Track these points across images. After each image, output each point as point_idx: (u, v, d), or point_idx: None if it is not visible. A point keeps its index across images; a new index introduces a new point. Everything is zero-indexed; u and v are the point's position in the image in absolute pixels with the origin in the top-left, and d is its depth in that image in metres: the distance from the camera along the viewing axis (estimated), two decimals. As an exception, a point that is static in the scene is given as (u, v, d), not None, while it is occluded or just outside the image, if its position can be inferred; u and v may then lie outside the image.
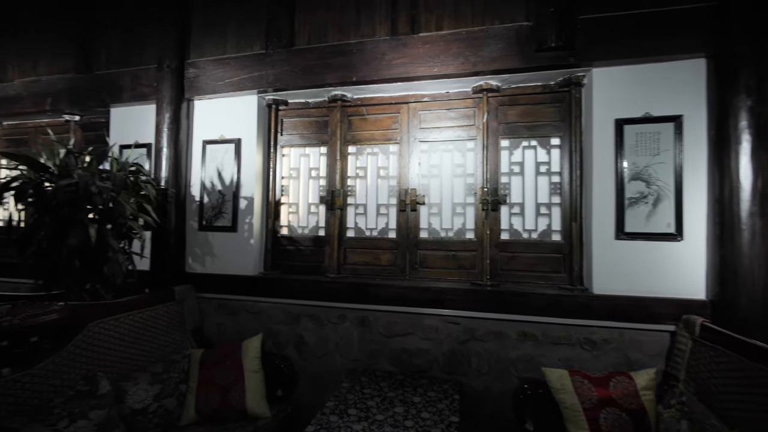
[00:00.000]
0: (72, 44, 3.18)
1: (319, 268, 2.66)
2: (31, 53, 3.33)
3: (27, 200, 2.02)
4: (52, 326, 1.81)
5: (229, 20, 2.73)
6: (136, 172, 2.34)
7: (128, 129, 2.93)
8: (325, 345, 2.43)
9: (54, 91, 3.17)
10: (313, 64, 2.48)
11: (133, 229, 2.26)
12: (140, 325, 2.21)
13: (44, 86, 3.21)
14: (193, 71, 2.75)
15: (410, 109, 2.55)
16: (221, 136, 2.73)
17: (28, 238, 2.06)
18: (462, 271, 2.43)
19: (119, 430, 1.75)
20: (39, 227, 2.05)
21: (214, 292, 2.66)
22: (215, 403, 2.07)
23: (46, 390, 1.71)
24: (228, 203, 2.68)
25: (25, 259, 2.06)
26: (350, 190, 2.68)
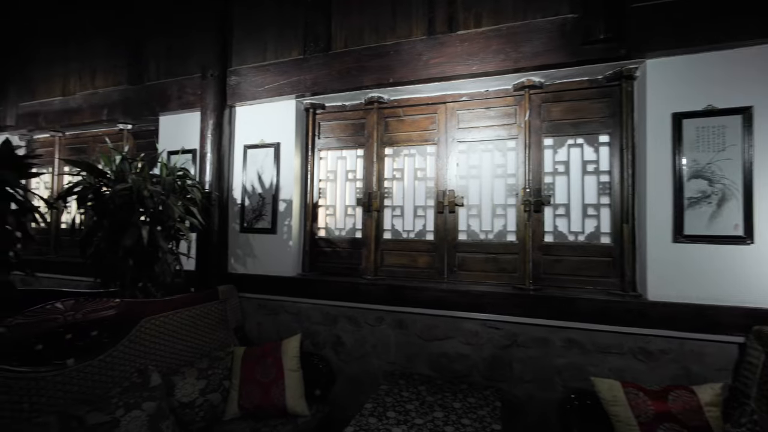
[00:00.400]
0: (125, 58, 3.41)
1: (356, 269, 2.68)
2: (89, 68, 3.60)
3: (87, 204, 2.18)
4: (109, 321, 1.94)
5: (269, 27, 2.82)
6: (183, 176, 2.47)
7: (175, 136, 3.10)
8: (363, 346, 2.44)
9: (109, 103, 3.41)
10: (349, 67, 2.51)
11: (180, 230, 2.38)
12: (187, 323, 2.32)
13: (101, 98, 3.46)
14: (234, 78, 2.87)
15: (448, 109, 2.52)
16: (261, 141, 2.82)
17: (88, 239, 2.22)
18: (503, 275, 2.37)
19: (169, 422, 1.84)
20: (97, 229, 2.20)
21: (254, 292, 2.75)
22: (256, 399, 2.13)
23: (105, 381, 1.83)
24: (268, 206, 2.77)
25: (86, 259, 2.22)
26: (387, 192, 2.68)
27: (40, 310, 1.70)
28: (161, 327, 2.16)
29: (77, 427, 1.52)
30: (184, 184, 2.44)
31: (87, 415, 1.58)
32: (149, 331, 2.09)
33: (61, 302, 1.78)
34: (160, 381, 1.91)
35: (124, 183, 2.14)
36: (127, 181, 2.16)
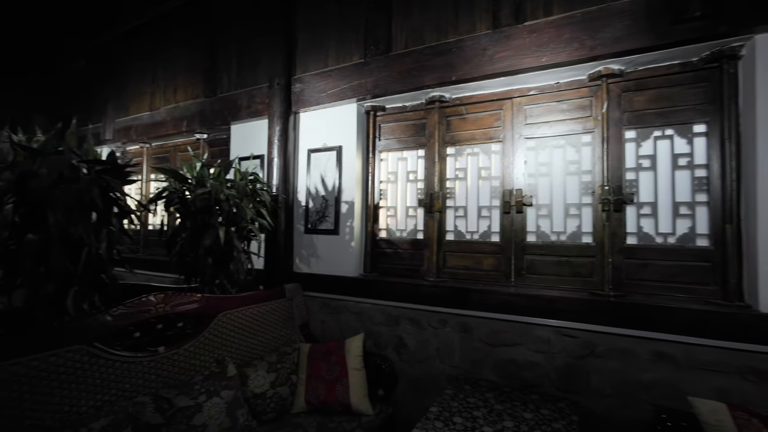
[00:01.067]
0: (201, 74, 3.74)
1: (417, 271, 2.67)
2: (172, 84, 4.00)
3: (173, 207, 2.42)
4: (192, 314, 2.13)
5: (331, 34, 2.93)
6: (254, 180, 2.64)
7: (245, 142, 3.33)
8: (426, 349, 2.42)
9: (188, 115, 3.76)
10: (410, 68, 2.52)
11: (251, 231, 2.54)
12: (258, 318, 2.47)
13: (181, 111, 3.83)
14: (299, 86, 3.01)
15: (514, 105, 2.43)
16: (324, 145, 2.93)
17: (173, 239, 2.46)
18: (577, 279, 2.22)
19: (244, 410, 1.97)
20: (181, 230, 2.43)
21: (318, 291, 2.86)
22: (322, 395, 2.20)
23: (189, 368, 2.01)
24: (330, 207, 2.86)
25: (171, 257, 2.46)
26: (449, 193, 2.64)
27: (137, 302, 1.91)
28: (235, 321, 2.32)
29: (168, 408, 1.69)
30: (254, 187, 2.61)
31: (175, 398, 1.74)
32: (225, 324, 2.26)
33: (153, 295, 1.98)
34: (235, 372, 2.06)
35: (203, 188, 2.34)
36: (206, 186, 2.36)
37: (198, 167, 2.46)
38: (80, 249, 1.87)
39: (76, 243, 1.86)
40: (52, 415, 1.52)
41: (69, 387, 1.58)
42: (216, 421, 1.79)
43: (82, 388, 1.62)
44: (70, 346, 1.63)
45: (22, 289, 1.85)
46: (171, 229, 2.46)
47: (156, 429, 1.63)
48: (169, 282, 3.33)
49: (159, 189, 2.45)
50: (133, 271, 2.15)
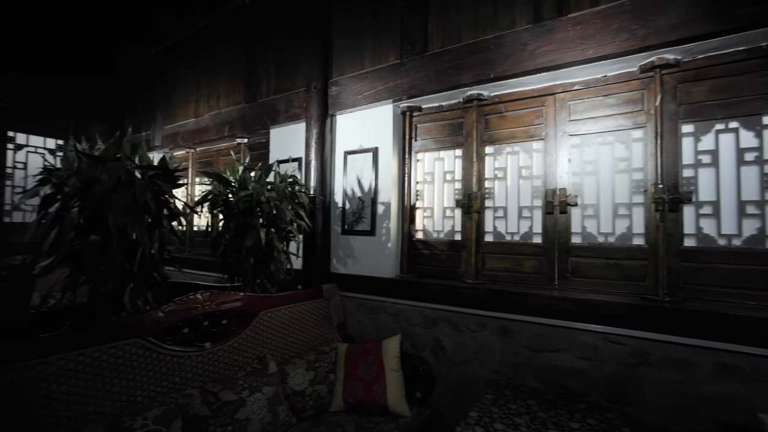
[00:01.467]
0: (242, 81, 3.90)
1: (455, 272, 2.64)
2: (215, 92, 4.20)
3: (217, 209, 2.53)
4: (235, 312, 2.22)
5: (366, 37, 2.96)
6: (292, 183, 2.71)
7: (284, 146, 3.43)
8: (464, 352, 2.39)
9: (230, 120, 3.92)
10: (447, 67, 2.50)
11: (290, 232, 2.61)
12: (296, 317, 2.53)
13: (224, 117, 4.00)
14: (335, 89, 3.07)
15: (557, 101, 2.34)
16: (360, 146, 2.96)
17: (217, 240, 2.57)
18: (628, 283, 2.10)
19: (284, 406, 2.03)
20: (225, 231, 2.54)
21: (355, 291, 2.89)
22: (359, 395, 2.23)
23: (232, 364, 2.10)
24: (367, 209, 2.89)
25: (216, 257, 2.57)
26: (488, 193, 2.59)
27: (185, 300, 2.01)
28: (275, 320, 2.39)
29: (214, 402, 1.77)
30: (293, 189, 2.68)
31: (221, 392, 1.82)
32: (266, 322, 2.34)
33: (200, 293, 2.08)
34: (276, 369, 2.12)
35: (245, 190, 2.43)
36: (248, 188, 2.45)
37: (240, 171, 2.56)
38: (135, 249, 2.00)
39: (132, 243, 1.99)
40: (112, 403, 1.63)
41: (126, 378, 1.70)
42: (258, 416, 1.85)
43: (138, 380, 1.73)
44: (128, 340, 1.75)
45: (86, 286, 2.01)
46: (215, 230, 2.58)
47: (203, 421, 1.72)
48: (213, 281, 3.49)
49: (204, 192, 2.58)
50: (182, 270, 2.27)
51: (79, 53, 4.77)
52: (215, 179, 2.52)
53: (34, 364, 1.47)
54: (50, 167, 1.98)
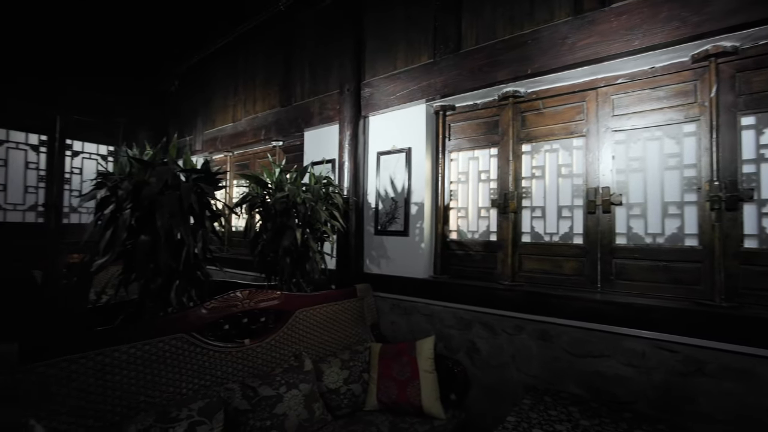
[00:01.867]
0: (277, 85, 4.02)
1: (491, 274, 2.59)
2: (251, 97, 4.35)
3: (255, 210, 2.61)
4: (273, 310, 2.29)
5: (399, 37, 2.96)
6: (327, 184, 2.76)
7: (317, 148, 3.50)
8: (500, 355, 2.33)
9: (266, 124, 4.05)
10: (481, 64, 2.46)
11: (325, 232, 2.66)
12: (331, 317, 2.57)
13: (260, 121, 4.14)
14: (368, 90, 3.09)
15: (599, 95, 2.24)
16: (393, 147, 2.97)
17: (255, 240, 2.66)
18: (678, 287, 1.98)
19: (319, 404, 2.07)
20: (262, 232, 2.62)
21: (388, 291, 2.90)
22: (393, 395, 2.23)
23: (270, 360, 2.16)
24: (400, 209, 2.89)
25: (254, 257, 2.66)
26: (525, 192, 2.52)
27: (226, 297, 2.09)
28: (311, 318, 2.44)
29: (253, 396, 1.83)
30: (328, 191, 2.73)
31: (260, 387, 1.88)
32: (302, 321, 2.39)
33: (239, 292, 2.16)
34: (311, 367, 2.16)
35: (282, 192, 2.50)
36: (284, 190, 2.52)
37: (277, 173, 2.64)
38: (181, 248, 2.10)
39: (177, 243, 2.10)
40: (160, 393, 1.72)
41: (172, 370, 1.79)
42: (295, 412, 1.90)
43: (183, 372, 1.82)
44: (174, 335, 1.84)
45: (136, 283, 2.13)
46: (253, 230, 2.67)
47: (243, 414, 1.78)
48: (250, 279, 3.61)
49: (242, 194, 2.67)
50: (223, 269, 2.36)
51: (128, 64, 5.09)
52: (253, 181, 2.61)
53: (93, 354, 1.58)
54: (105, 172, 2.12)
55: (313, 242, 2.57)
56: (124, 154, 2.09)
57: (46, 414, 1.43)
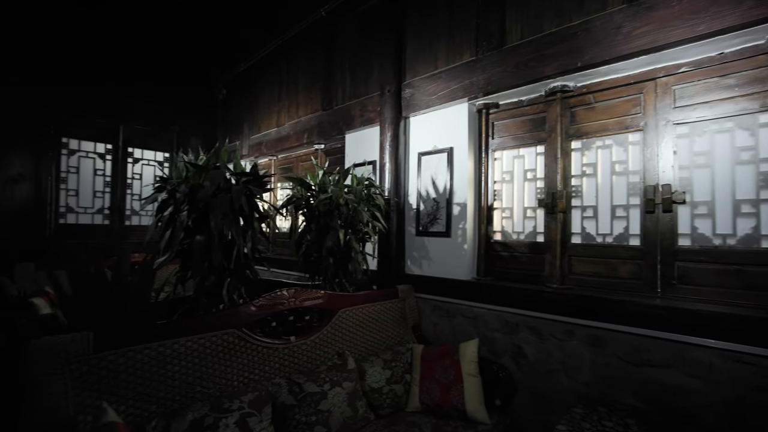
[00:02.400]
0: (318, 90, 4.13)
1: (537, 276, 2.50)
2: (294, 102, 4.50)
3: (300, 212, 2.70)
4: (317, 309, 2.35)
5: (440, 36, 2.94)
6: (368, 185, 2.79)
7: (358, 150, 3.55)
8: (548, 361, 2.24)
9: (309, 128, 4.17)
10: (527, 60, 2.38)
11: (367, 233, 2.69)
12: (373, 317, 2.60)
13: (302, 125, 4.27)
14: (408, 91, 3.10)
15: (658, 86, 2.09)
16: (434, 147, 2.95)
17: (299, 240, 2.74)
18: (754, 293, 1.80)
19: (362, 402, 2.09)
20: (306, 232, 2.70)
21: (430, 293, 2.88)
22: (436, 397, 2.21)
23: (314, 358, 2.21)
24: (442, 210, 2.86)
25: (299, 257, 2.75)
26: (575, 191, 2.41)
27: (273, 295, 2.17)
28: (353, 318, 2.48)
29: (299, 392, 1.89)
30: (369, 192, 2.76)
31: (305, 383, 1.93)
32: (345, 320, 2.43)
33: (285, 290, 2.23)
34: (354, 365, 2.20)
35: (325, 194, 2.56)
36: (327, 192, 2.58)
37: (320, 175, 2.71)
38: (232, 248, 2.21)
39: (228, 243, 2.21)
40: (214, 385, 1.82)
41: (224, 364, 1.88)
42: (339, 409, 1.93)
43: (234, 366, 1.91)
44: (226, 330, 1.93)
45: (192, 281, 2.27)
46: (297, 231, 2.76)
47: (290, 409, 1.84)
48: (293, 279, 3.73)
49: (287, 196, 2.77)
50: (270, 269, 2.46)
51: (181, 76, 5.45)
52: (297, 183, 2.70)
53: (156, 346, 1.70)
54: (164, 176, 2.28)
55: (355, 243, 2.61)
56: (181, 160, 2.23)
57: (116, 399, 1.55)
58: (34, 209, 4.44)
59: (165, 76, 5.32)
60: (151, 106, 5.23)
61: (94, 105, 4.79)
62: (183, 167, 2.22)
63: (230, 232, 2.14)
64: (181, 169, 2.23)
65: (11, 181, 4.30)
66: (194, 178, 2.18)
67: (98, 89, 4.81)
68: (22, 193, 4.37)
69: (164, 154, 5.45)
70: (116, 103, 4.95)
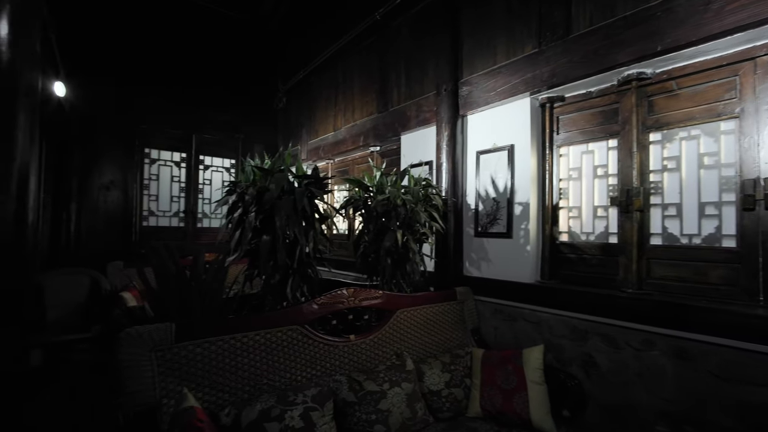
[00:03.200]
0: (373, 93, 4.21)
1: (610, 280, 2.32)
2: (350, 106, 4.62)
3: (358, 213, 2.76)
4: (375, 309, 2.39)
5: (498, 30, 2.87)
6: (426, 186, 2.79)
7: (414, 150, 3.56)
8: (623, 372, 2.08)
9: (364, 131, 4.26)
10: (597, 47, 2.24)
11: (424, 234, 2.69)
12: (430, 318, 2.58)
13: (358, 128, 4.37)
14: (466, 89, 3.05)
15: (758, 66, 1.85)
16: (494, 145, 2.87)
17: (357, 241, 2.81)
18: None
19: (421, 404, 2.08)
20: (364, 233, 2.76)
21: (489, 295, 2.80)
22: (498, 404, 2.14)
23: (372, 357, 2.25)
24: (502, 210, 2.78)
25: (357, 258, 2.81)
26: (654, 188, 2.21)
27: (334, 294, 2.24)
28: (411, 319, 2.49)
29: (359, 390, 1.92)
30: (427, 192, 2.75)
31: (364, 381, 1.97)
32: (402, 321, 2.44)
33: (345, 289, 2.30)
34: (413, 367, 2.20)
35: (383, 194, 2.60)
36: (385, 192, 2.61)
37: (377, 176, 2.75)
38: (295, 247, 2.33)
39: (292, 243, 2.33)
40: (279, 378, 1.91)
41: (289, 358, 1.97)
42: (398, 410, 1.94)
43: (298, 361, 2.00)
44: (290, 326, 2.03)
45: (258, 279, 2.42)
46: (355, 232, 2.82)
47: (350, 406, 1.88)
48: (350, 279, 3.83)
49: (346, 198, 2.85)
50: (330, 269, 2.55)
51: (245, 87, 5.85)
52: (355, 185, 2.76)
53: (228, 338, 1.83)
54: (234, 180, 2.46)
55: (413, 243, 2.62)
56: (249, 164, 2.39)
57: (194, 386, 1.69)
58: (122, 213, 4.99)
59: (232, 88, 5.74)
60: (220, 116, 5.67)
61: (171, 117, 5.30)
62: (250, 171, 2.38)
63: (294, 232, 2.26)
64: (248, 173, 2.39)
65: (104, 188, 4.88)
66: (261, 181, 2.32)
67: (175, 103, 5.31)
68: (112, 198, 4.94)
69: (230, 160, 5.87)
70: (190, 115, 5.42)
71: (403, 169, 2.83)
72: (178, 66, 5.29)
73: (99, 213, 4.83)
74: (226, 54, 5.65)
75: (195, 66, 5.41)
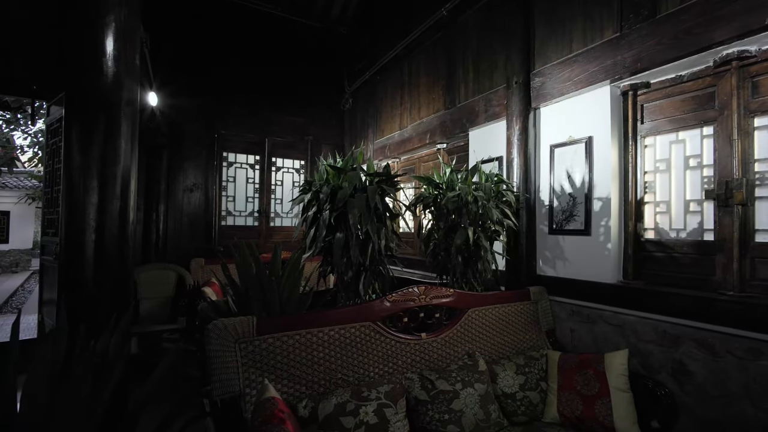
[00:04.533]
0: (440, 90, 4.31)
1: (706, 281, 2.20)
2: (416, 104, 4.75)
3: (429, 210, 2.89)
4: (446, 307, 2.48)
5: (574, 17, 2.82)
6: (498, 182, 2.84)
7: (483, 146, 3.60)
8: (724, 383, 1.98)
9: (430, 128, 4.38)
10: (689, 26, 2.14)
11: (496, 231, 2.74)
12: (503, 318, 2.63)
13: (425, 126, 4.50)
14: (538, 80, 3.04)
15: None
16: (569, 138, 2.84)
17: (427, 239, 2.94)
18: None
19: (495, 406, 2.13)
20: (434, 231, 2.88)
21: (564, 296, 2.78)
22: (578, 410, 2.14)
23: (444, 356, 2.33)
24: (579, 206, 2.74)
25: (427, 255, 2.94)
26: (760, 179, 2.06)
27: (405, 292, 2.35)
28: (483, 318, 2.55)
29: (431, 389, 2.01)
30: (498, 188, 2.80)
31: (437, 380, 2.05)
32: (474, 320, 2.52)
33: (416, 287, 2.42)
34: (485, 367, 2.25)
35: (453, 191, 2.69)
36: (455, 189, 2.71)
37: (447, 173, 2.86)
38: (367, 245, 2.52)
39: (364, 240, 2.52)
40: (353, 374, 2.02)
41: (362, 354, 2.09)
42: (471, 410, 1.99)
43: (371, 358, 2.11)
44: (363, 322, 2.15)
45: (333, 275, 2.65)
46: (426, 230, 2.95)
47: (423, 404, 1.96)
48: (418, 277, 3.97)
49: (415, 195, 2.99)
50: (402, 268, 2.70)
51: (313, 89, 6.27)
52: (425, 182, 2.90)
53: (304, 333, 1.97)
54: (308, 180, 2.71)
55: (484, 241, 2.68)
56: (323, 163, 2.63)
57: (273, 378, 1.80)
58: (203, 213, 5.63)
59: (302, 92, 6.19)
60: (290, 119, 6.14)
61: (247, 121, 5.86)
62: (324, 170, 2.61)
63: (366, 229, 2.44)
64: (322, 172, 2.63)
65: (187, 190, 5.54)
66: (334, 179, 2.55)
67: (251, 109, 5.87)
68: (195, 200, 5.59)
69: (300, 161, 6.32)
70: (263, 119, 5.96)
71: (473, 165, 2.89)
72: (254, 74, 5.83)
73: (183, 213, 5.50)
74: (296, 60, 6.10)
75: (269, 73, 5.92)
